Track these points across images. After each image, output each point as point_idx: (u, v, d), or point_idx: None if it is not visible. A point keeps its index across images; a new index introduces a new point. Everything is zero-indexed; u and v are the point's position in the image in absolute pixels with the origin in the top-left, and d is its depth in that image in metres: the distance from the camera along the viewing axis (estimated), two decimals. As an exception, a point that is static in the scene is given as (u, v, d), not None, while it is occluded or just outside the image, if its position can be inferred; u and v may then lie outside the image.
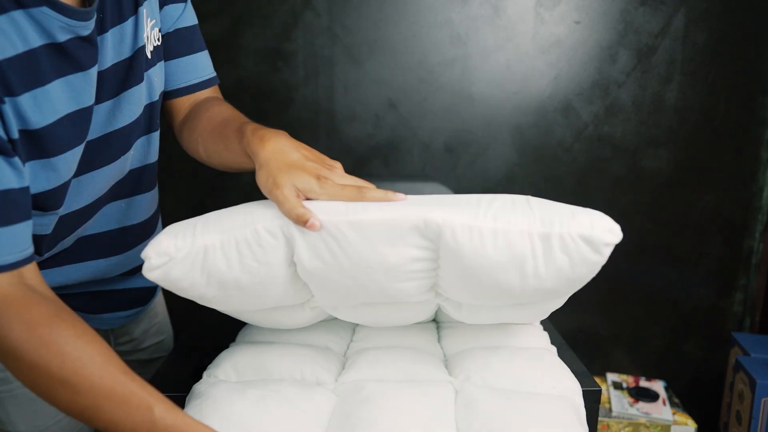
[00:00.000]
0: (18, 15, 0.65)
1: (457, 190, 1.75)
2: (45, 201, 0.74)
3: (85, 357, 0.64)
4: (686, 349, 1.94)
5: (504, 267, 0.69)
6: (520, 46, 1.70)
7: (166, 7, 0.88)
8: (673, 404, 1.75)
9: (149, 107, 0.86)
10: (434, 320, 1.02)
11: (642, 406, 1.72)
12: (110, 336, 1.02)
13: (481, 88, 1.72)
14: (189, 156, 0.94)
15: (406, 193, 0.73)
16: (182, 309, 1.40)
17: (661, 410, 1.70)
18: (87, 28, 0.71)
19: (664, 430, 1.67)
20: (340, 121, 1.74)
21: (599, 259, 0.67)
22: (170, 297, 1.71)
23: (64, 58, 0.70)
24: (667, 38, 1.70)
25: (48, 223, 0.78)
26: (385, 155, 1.76)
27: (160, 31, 0.86)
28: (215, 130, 0.85)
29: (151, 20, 0.83)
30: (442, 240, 0.69)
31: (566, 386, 0.79)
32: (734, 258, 1.87)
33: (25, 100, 0.67)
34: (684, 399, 1.90)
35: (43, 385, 0.65)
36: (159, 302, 1.19)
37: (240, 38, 1.67)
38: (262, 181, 0.71)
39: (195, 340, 1.03)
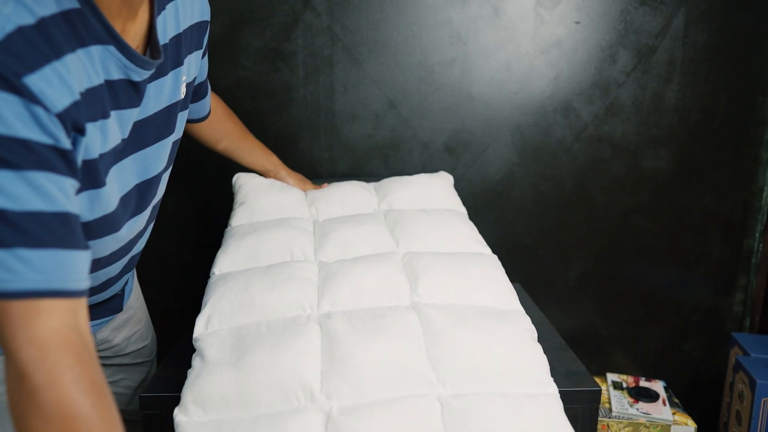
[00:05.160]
0: (94, 50, 0.67)
1: (457, 189, 1.75)
2: (102, 227, 0.78)
3: None
4: (686, 349, 1.94)
5: None
6: (520, 46, 1.70)
7: (203, 60, 1.01)
8: (673, 404, 1.75)
9: (173, 149, 0.93)
10: None
11: (642, 406, 1.72)
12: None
13: (481, 88, 1.72)
14: (190, 157, 0.99)
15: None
16: (169, 314, 1.40)
17: (661, 410, 1.70)
18: (141, 75, 0.75)
19: (664, 430, 1.67)
20: (340, 121, 1.73)
21: None
22: (157, 303, 1.70)
23: (114, 95, 0.72)
24: (667, 38, 1.70)
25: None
26: (384, 155, 1.75)
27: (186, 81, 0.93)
28: (242, 138, 1.34)
29: (183, 75, 0.90)
30: None
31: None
32: (734, 258, 1.87)
33: (92, 129, 0.68)
34: (684, 399, 1.90)
35: None
36: (140, 309, 1.19)
37: (240, 38, 1.67)
38: (295, 184, 1.41)
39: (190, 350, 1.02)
